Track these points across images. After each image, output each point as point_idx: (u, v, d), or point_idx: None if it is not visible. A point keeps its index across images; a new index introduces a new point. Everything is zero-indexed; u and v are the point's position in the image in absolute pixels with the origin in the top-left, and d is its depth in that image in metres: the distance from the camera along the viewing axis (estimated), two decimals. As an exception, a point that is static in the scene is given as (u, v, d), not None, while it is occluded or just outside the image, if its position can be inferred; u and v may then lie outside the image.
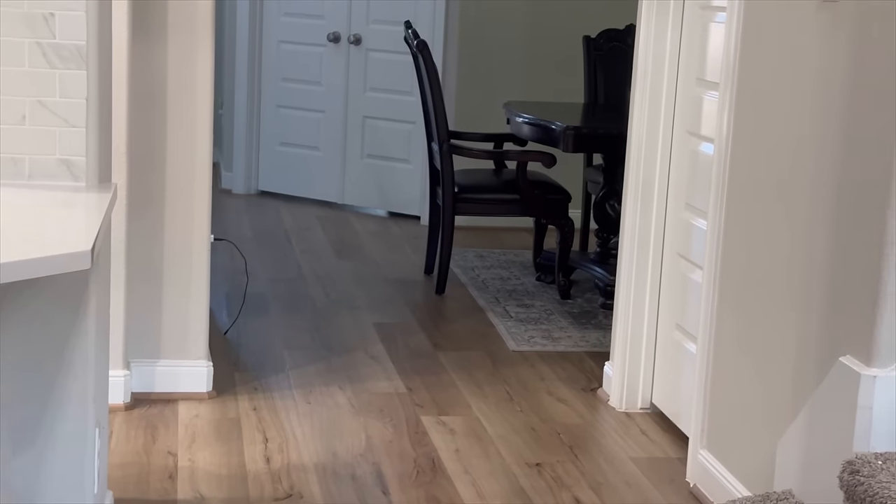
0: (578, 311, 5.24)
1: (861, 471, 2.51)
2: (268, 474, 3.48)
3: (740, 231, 3.28)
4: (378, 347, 4.65)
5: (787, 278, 3.00)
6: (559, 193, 5.52)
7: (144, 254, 3.93)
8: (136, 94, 3.81)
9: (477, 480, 3.51)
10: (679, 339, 3.88)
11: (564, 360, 4.59)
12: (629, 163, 4.05)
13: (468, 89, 6.68)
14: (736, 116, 3.29)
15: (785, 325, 3.00)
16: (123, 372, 3.86)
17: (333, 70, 7.09)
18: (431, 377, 4.35)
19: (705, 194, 3.55)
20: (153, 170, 3.91)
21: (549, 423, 3.97)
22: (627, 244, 4.07)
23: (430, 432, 3.85)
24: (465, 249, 6.12)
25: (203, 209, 3.96)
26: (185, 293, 3.99)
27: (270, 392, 4.12)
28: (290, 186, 7.29)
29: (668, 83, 3.92)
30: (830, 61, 2.82)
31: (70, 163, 2.67)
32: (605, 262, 5.32)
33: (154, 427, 3.76)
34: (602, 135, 5.32)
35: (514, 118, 5.52)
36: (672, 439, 3.85)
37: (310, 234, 6.46)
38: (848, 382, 2.63)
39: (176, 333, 4.00)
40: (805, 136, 2.94)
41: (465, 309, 5.23)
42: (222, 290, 5.16)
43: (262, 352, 4.54)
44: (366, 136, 7.06)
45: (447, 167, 5.41)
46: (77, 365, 2.54)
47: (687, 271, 3.83)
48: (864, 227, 2.65)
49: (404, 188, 6.94)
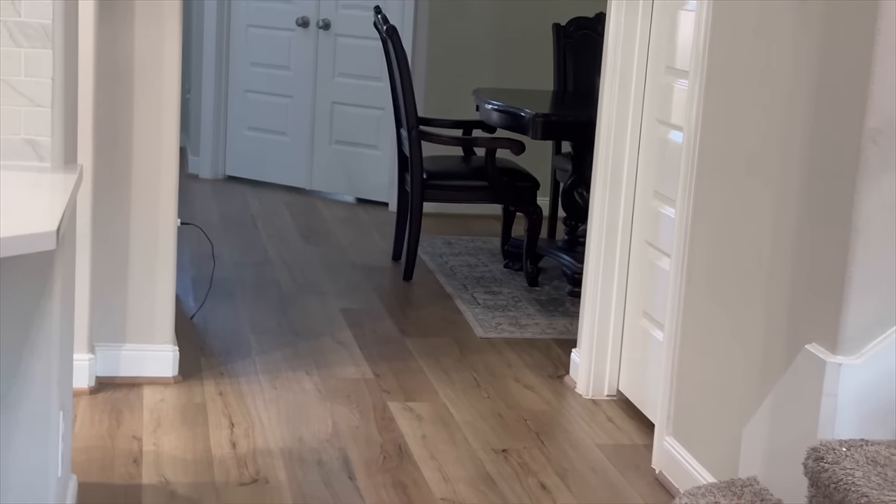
0: (546, 298, 5.24)
1: (825, 458, 2.53)
2: (234, 459, 3.46)
3: (708, 219, 3.29)
4: (345, 333, 4.63)
5: (754, 266, 3.01)
6: (528, 181, 5.52)
7: (110, 236, 3.90)
8: (103, 76, 3.78)
9: (443, 466, 3.51)
10: (646, 326, 3.90)
11: (531, 347, 4.60)
12: (598, 150, 4.06)
13: (437, 75, 6.67)
14: (705, 105, 3.30)
15: (751, 313, 3.02)
16: (88, 355, 3.83)
17: (302, 55, 7.06)
18: (399, 363, 4.34)
19: (674, 182, 3.56)
20: (119, 152, 3.87)
21: (515, 410, 3.98)
22: (595, 232, 4.07)
23: (396, 418, 3.84)
24: (433, 236, 6.11)
25: (170, 193, 3.93)
26: (150, 277, 3.96)
27: (237, 377, 4.10)
28: (257, 172, 7.26)
29: (637, 71, 3.92)
30: (800, 48, 2.83)
31: (35, 143, 2.64)
32: (572, 250, 5.33)
33: (119, 411, 3.73)
34: (571, 122, 5.32)
35: (483, 105, 5.51)
36: (638, 426, 3.87)
37: (277, 220, 6.44)
38: (813, 370, 2.65)
39: (141, 317, 3.97)
40: (773, 125, 2.95)
41: (433, 295, 5.23)
42: (189, 275, 5.13)
43: (228, 337, 4.52)
44: (334, 121, 7.03)
45: (416, 153, 5.40)
46: (41, 347, 2.52)
47: (654, 259, 3.84)
48: (832, 216, 2.66)
49: (372, 174, 6.92)
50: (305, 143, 7.12)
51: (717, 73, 3.25)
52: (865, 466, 2.48)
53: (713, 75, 3.27)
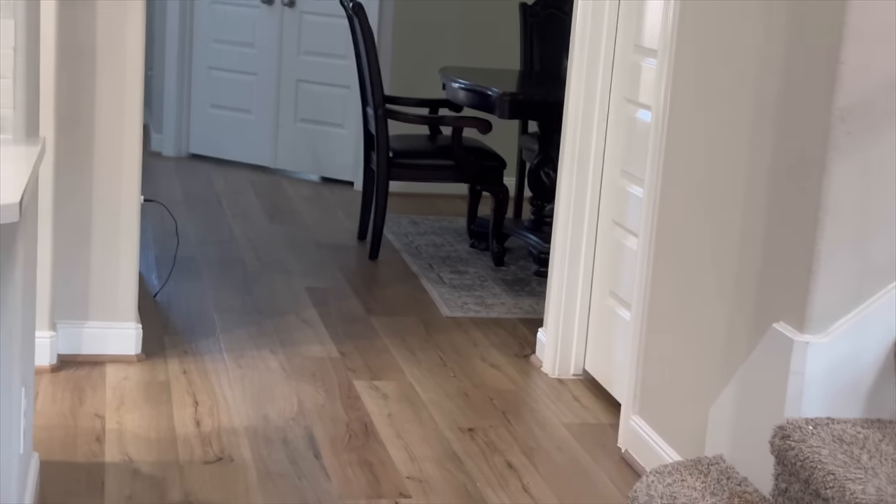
0: (512, 278, 5.24)
1: (792, 436, 2.53)
2: (198, 437, 3.44)
3: (676, 198, 3.28)
4: (311, 312, 4.61)
5: (722, 245, 3.02)
6: (494, 160, 5.50)
7: (73, 213, 3.85)
8: (65, 51, 3.72)
9: (409, 445, 3.50)
10: (613, 305, 3.90)
11: (498, 327, 4.59)
12: (565, 130, 4.04)
13: (404, 54, 6.63)
14: (674, 83, 3.29)
15: (719, 292, 3.02)
16: (50, 333, 3.78)
17: (267, 32, 6.99)
18: (364, 342, 4.32)
19: (642, 161, 3.55)
20: (82, 128, 3.82)
21: (481, 389, 3.97)
22: (562, 211, 4.07)
23: (362, 397, 3.83)
24: (398, 215, 6.09)
25: (133, 169, 3.88)
26: (114, 254, 3.91)
27: (201, 355, 4.06)
28: (221, 150, 7.19)
29: (605, 50, 3.91)
30: (769, 27, 2.83)
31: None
32: (539, 230, 5.33)
33: (81, 389, 3.69)
34: (538, 102, 5.31)
35: (450, 84, 5.49)
36: (604, 405, 3.87)
37: (242, 198, 6.39)
38: (781, 348, 2.65)
39: (104, 295, 3.93)
40: (742, 104, 2.95)
41: (399, 275, 5.21)
42: (152, 253, 5.08)
43: (192, 315, 4.48)
44: (299, 99, 6.98)
45: (382, 132, 5.37)
46: (2, 323, 2.48)
47: (622, 238, 3.84)
48: (800, 195, 2.66)
49: (338, 153, 6.87)
50: (270, 122, 7.07)
51: (685, 51, 3.25)
52: (832, 444, 2.49)
53: (682, 54, 3.26)
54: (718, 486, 2.71)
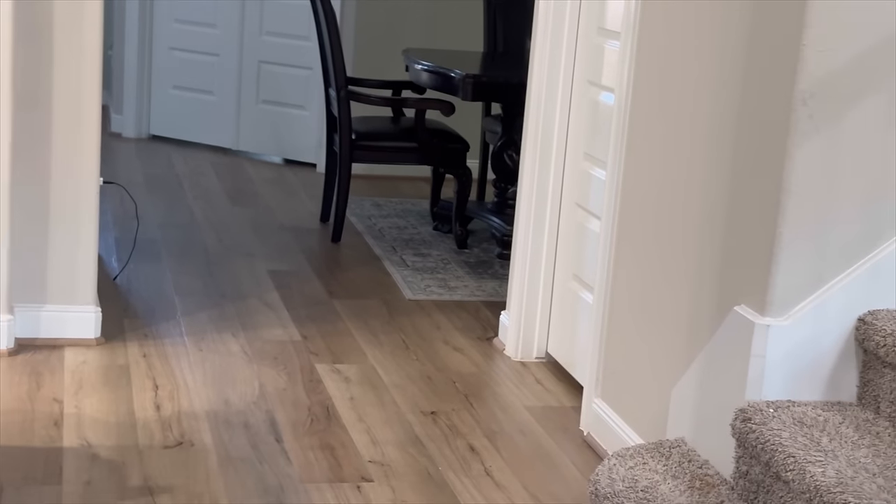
0: (475, 260, 5.23)
1: (753, 419, 2.54)
2: (158, 422, 3.41)
3: (639, 180, 3.28)
4: (273, 295, 4.58)
5: (684, 228, 3.02)
6: (457, 142, 5.48)
7: (30, 195, 3.80)
8: (20, 30, 3.66)
9: (371, 428, 3.48)
10: (575, 288, 3.89)
11: (461, 310, 4.58)
12: (528, 112, 4.03)
13: (367, 35, 6.59)
14: (636, 66, 3.28)
15: (681, 275, 3.02)
16: (7, 316, 3.74)
17: (229, 12, 6.93)
18: (327, 325, 4.30)
19: (604, 144, 3.55)
20: (39, 107, 3.76)
21: (444, 372, 3.96)
22: (525, 194, 4.05)
23: (324, 380, 3.81)
24: (361, 198, 6.06)
25: (91, 150, 3.83)
26: (72, 237, 3.86)
27: (161, 339, 4.03)
28: (182, 131, 7.13)
29: (568, 32, 3.90)
30: (731, 9, 2.82)
31: (-51, 96, 2.55)
32: (502, 213, 5.32)
33: (39, 373, 3.65)
34: (501, 83, 5.29)
35: (413, 65, 5.46)
36: (567, 388, 3.87)
37: (203, 180, 6.33)
38: (742, 331, 2.66)
39: (63, 278, 3.88)
40: (704, 86, 2.94)
41: (362, 257, 5.18)
42: (112, 235, 5.03)
43: (152, 298, 4.43)
44: (261, 81, 6.92)
45: (344, 114, 5.33)
46: (-44, 307, 2.44)
47: (584, 221, 3.84)
48: (761, 177, 2.66)
49: (300, 135, 6.83)
50: (232, 103, 7.01)
51: (648, 33, 3.24)
52: (792, 427, 2.50)
53: (645, 36, 3.25)
54: (680, 468, 2.72)
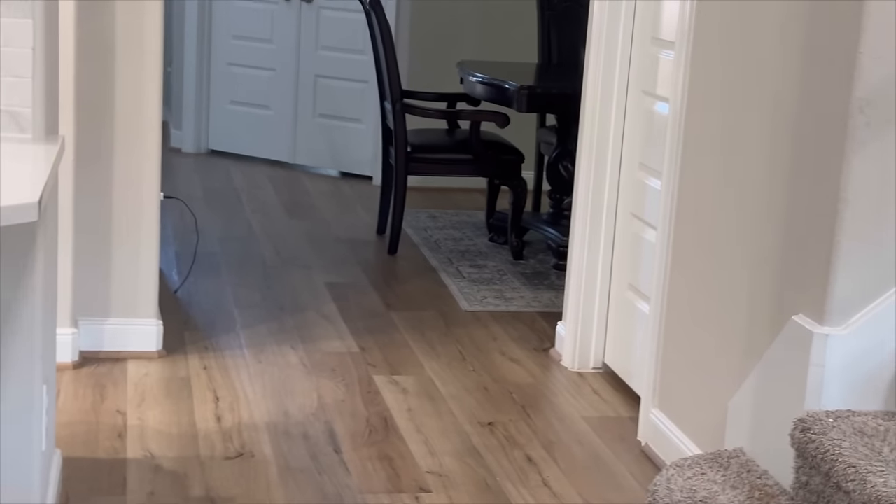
0: (531, 271, 5.23)
1: (812, 428, 2.53)
2: (219, 433, 3.45)
3: (694, 190, 3.27)
4: (330, 307, 4.62)
5: (741, 237, 3.01)
6: (512, 154, 5.50)
7: (93, 210, 3.87)
8: (84, 48, 3.74)
9: (429, 439, 3.50)
10: (631, 298, 3.89)
11: (517, 321, 4.59)
12: (583, 123, 4.04)
13: (422, 48, 6.63)
14: (691, 75, 3.28)
15: (738, 284, 3.01)
16: (71, 330, 3.81)
17: (285, 28, 7.00)
18: (384, 337, 4.33)
19: (659, 154, 3.55)
20: (101, 125, 3.83)
21: (501, 383, 3.97)
22: (581, 204, 4.06)
23: (382, 391, 3.83)
24: (417, 210, 6.09)
25: (152, 166, 3.90)
26: (134, 251, 3.93)
27: (221, 351, 4.08)
28: (240, 145, 7.21)
29: (622, 42, 3.90)
30: (787, 18, 2.81)
31: (16, 114, 2.61)
32: (557, 223, 5.32)
33: (103, 386, 3.71)
34: (556, 95, 5.30)
35: (467, 77, 5.48)
36: (624, 399, 3.87)
37: (261, 194, 6.40)
38: (800, 341, 2.65)
39: (125, 291, 3.94)
40: (760, 94, 2.93)
41: (418, 269, 5.21)
42: (172, 249, 5.10)
43: (212, 311, 4.49)
44: (318, 95, 6.99)
45: (400, 127, 5.37)
46: (24, 321, 2.49)
47: (640, 231, 3.83)
48: (818, 186, 2.65)
49: (356, 148, 6.88)
50: (289, 117, 7.08)
51: (703, 43, 3.23)
52: (852, 437, 2.48)
53: (699, 45, 3.25)
54: (739, 479, 2.71)
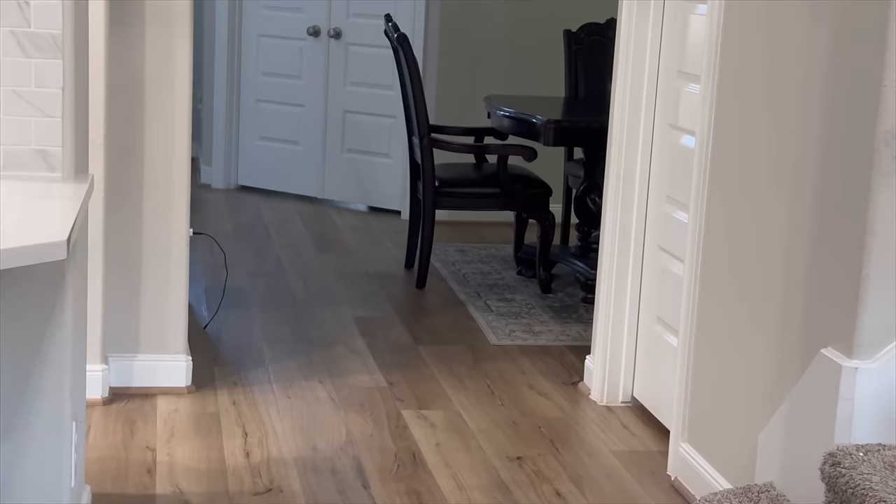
0: (559, 305, 5.23)
1: (843, 462, 2.51)
2: (247, 468, 3.46)
3: (721, 223, 3.27)
4: (359, 341, 4.62)
5: (769, 270, 3.00)
6: (540, 187, 5.50)
7: (122, 247, 3.90)
8: (114, 86, 3.78)
9: (458, 474, 3.50)
10: (660, 332, 3.88)
11: (545, 354, 4.58)
12: (610, 156, 4.04)
13: (449, 83, 6.66)
14: (717, 108, 3.28)
15: (766, 317, 3.00)
16: (101, 366, 3.83)
17: (313, 64, 7.06)
18: (412, 371, 4.33)
19: (686, 187, 3.54)
20: (131, 162, 3.87)
21: (530, 417, 3.96)
22: (608, 237, 4.06)
23: (410, 426, 3.83)
24: (445, 244, 6.10)
25: (182, 203, 3.93)
26: (163, 287, 3.95)
27: (250, 386, 4.09)
28: (269, 181, 7.26)
29: (648, 76, 3.91)
30: (812, 51, 2.81)
31: (46, 153, 2.64)
32: (585, 256, 5.31)
33: (132, 421, 3.73)
34: (583, 128, 5.31)
35: (494, 112, 5.50)
36: (653, 433, 3.85)
37: (290, 229, 6.43)
38: (830, 374, 2.63)
39: (154, 327, 3.97)
40: (786, 128, 2.93)
41: (446, 303, 5.21)
42: (202, 285, 5.13)
43: (241, 346, 4.51)
44: (346, 130, 7.03)
45: (427, 161, 5.39)
46: (54, 357, 2.51)
47: (668, 264, 3.83)
48: (846, 218, 2.64)
49: (385, 182, 6.91)
50: (317, 152, 7.12)
51: (728, 76, 3.24)
52: (883, 471, 2.46)
53: (725, 79, 3.25)
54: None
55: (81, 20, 2.74)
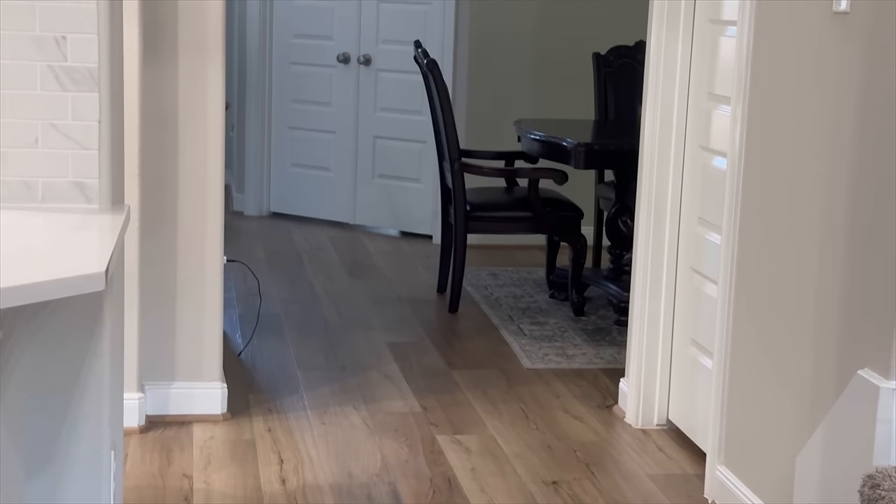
0: (592, 327, 5.22)
1: (882, 485, 2.49)
2: (283, 495, 3.47)
3: (755, 244, 3.26)
4: (392, 367, 4.63)
5: (804, 291, 2.98)
6: (571, 210, 5.51)
7: (158, 276, 3.93)
8: (148, 117, 3.82)
9: (493, 499, 3.49)
10: (694, 354, 3.86)
11: (579, 378, 4.57)
12: (641, 178, 4.05)
13: (479, 107, 6.69)
14: (748, 130, 3.28)
15: (802, 339, 2.98)
16: (138, 394, 3.86)
17: (344, 90, 7.10)
18: (446, 396, 4.34)
19: (718, 208, 3.54)
20: (166, 192, 3.91)
21: (564, 441, 3.95)
22: (641, 260, 4.06)
23: (445, 451, 3.83)
24: (477, 268, 6.11)
25: (215, 231, 3.96)
26: (198, 315, 3.98)
27: (285, 413, 4.11)
28: (302, 207, 7.30)
29: (678, 98, 3.91)
30: (842, 72, 2.81)
31: (83, 185, 2.67)
32: (618, 279, 5.31)
33: (169, 449, 3.75)
34: (613, 151, 5.32)
35: (525, 135, 5.52)
36: (689, 455, 3.83)
37: (322, 255, 6.46)
38: (867, 395, 2.61)
39: (190, 355, 4.00)
40: (818, 148, 2.93)
41: (479, 327, 5.22)
42: (236, 312, 5.16)
43: (276, 373, 4.53)
44: (377, 155, 7.06)
45: (458, 186, 5.41)
46: (92, 387, 2.54)
47: (701, 286, 3.82)
48: (881, 239, 2.63)
49: (416, 207, 6.93)
50: (349, 178, 7.16)
51: (759, 97, 3.24)
52: (923, 493, 2.44)
53: (755, 100, 3.25)
54: (807, 537, 2.67)
55: (116, 54, 2.78)
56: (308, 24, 7.16)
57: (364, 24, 6.99)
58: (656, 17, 3.92)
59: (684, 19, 3.87)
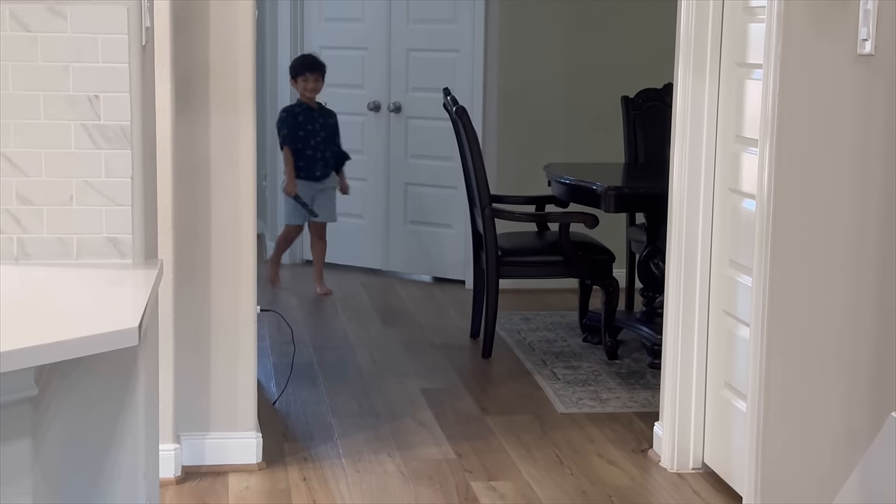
0: (626, 371, 5.21)
1: (919, 528, 2.47)
2: (319, 545, 3.47)
3: (786, 287, 3.26)
4: (426, 413, 4.64)
5: (836, 333, 2.98)
6: (603, 254, 5.51)
7: (191, 327, 3.96)
8: (180, 170, 3.87)
9: (529, 546, 3.48)
10: (728, 397, 3.85)
11: (614, 422, 4.56)
12: (671, 221, 4.05)
13: (508, 153, 6.72)
14: (776, 172, 3.28)
15: (835, 381, 2.97)
16: (174, 445, 3.88)
17: (375, 138, 7.16)
18: (480, 442, 4.33)
19: (749, 251, 3.54)
20: (199, 244, 3.95)
21: (600, 486, 3.94)
22: (673, 302, 4.05)
23: (480, 498, 3.83)
24: (510, 312, 6.12)
25: (249, 281, 3.99)
26: (232, 365, 4.01)
27: (320, 461, 4.11)
28: (334, 255, 7.32)
29: (707, 141, 3.93)
30: (868, 113, 2.82)
31: (117, 240, 2.71)
32: (651, 321, 5.30)
33: (205, 500, 3.77)
34: (643, 194, 5.32)
35: (555, 180, 5.54)
36: (726, 499, 3.80)
37: (355, 302, 6.49)
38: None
39: (225, 405, 4.02)
40: (846, 188, 2.93)
41: (512, 372, 5.22)
42: (270, 361, 5.18)
43: (310, 421, 4.54)
44: (408, 202, 7.10)
45: (490, 231, 5.43)
46: (127, 440, 2.56)
47: (733, 328, 3.81)
48: (911, 280, 2.63)
49: (448, 253, 6.95)
50: (380, 225, 7.19)
51: (786, 140, 3.24)
52: (961, 536, 2.42)
53: (782, 143, 3.26)
54: (845, 582, 2.64)
55: (149, 110, 2.83)
56: (339, 74, 7.23)
57: (394, 72, 7.05)
58: (682, 61, 3.94)
59: (710, 63, 3.89)
